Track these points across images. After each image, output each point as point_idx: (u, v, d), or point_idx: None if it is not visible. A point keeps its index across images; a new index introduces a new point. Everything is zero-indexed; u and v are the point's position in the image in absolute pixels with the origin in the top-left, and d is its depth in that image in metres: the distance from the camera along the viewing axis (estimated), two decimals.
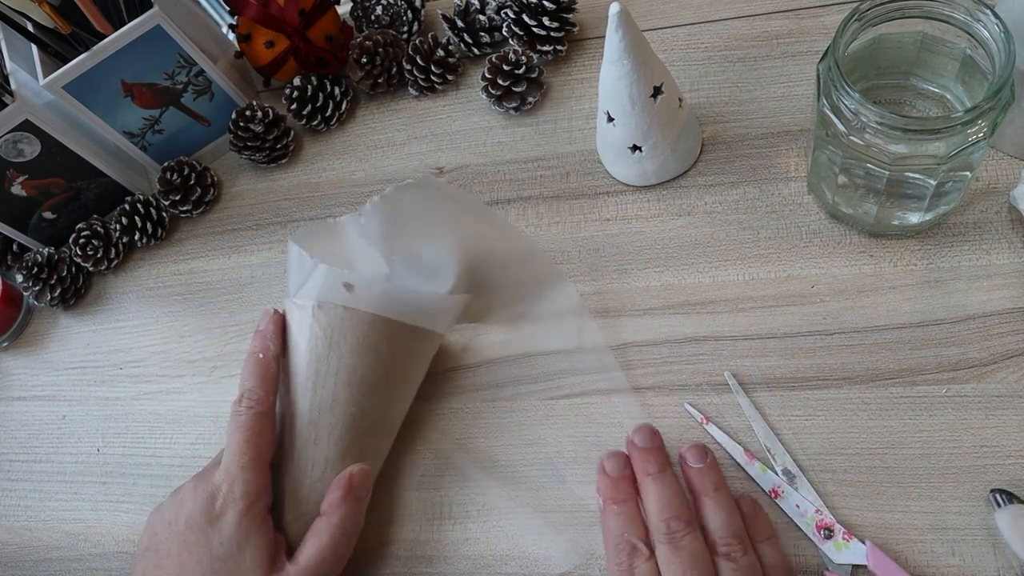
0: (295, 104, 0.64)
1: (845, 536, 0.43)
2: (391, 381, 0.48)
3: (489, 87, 0.60)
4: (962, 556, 0.41)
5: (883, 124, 0.41)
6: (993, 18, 0.40)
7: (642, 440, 0.44)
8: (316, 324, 0.46)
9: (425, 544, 0.49)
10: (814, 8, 0.58)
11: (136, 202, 0.65)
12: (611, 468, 0.43)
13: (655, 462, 0.43)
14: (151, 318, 0.63)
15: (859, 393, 0.46)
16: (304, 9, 0.62)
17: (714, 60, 0.59)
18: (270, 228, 0.64)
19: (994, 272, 0.47)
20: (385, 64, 0.64)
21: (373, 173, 0.63)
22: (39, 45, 0.59)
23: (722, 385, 0.48)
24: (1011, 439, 0.43)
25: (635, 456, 0.44)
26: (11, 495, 0.60)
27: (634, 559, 0.40)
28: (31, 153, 0.60)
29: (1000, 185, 0.49)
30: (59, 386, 0.63)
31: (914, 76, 0.47)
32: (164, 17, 0.57)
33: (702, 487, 0.42)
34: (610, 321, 0.52)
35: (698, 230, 0.53)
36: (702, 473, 0.42)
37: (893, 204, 0.46)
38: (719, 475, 0.43)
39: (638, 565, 0.40)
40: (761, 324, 0.49)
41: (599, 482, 0.44)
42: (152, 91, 0.61)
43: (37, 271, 0.64)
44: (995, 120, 0.40)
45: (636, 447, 0.44)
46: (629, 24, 0.46)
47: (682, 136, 0.53)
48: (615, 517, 0.42)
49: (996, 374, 0.45)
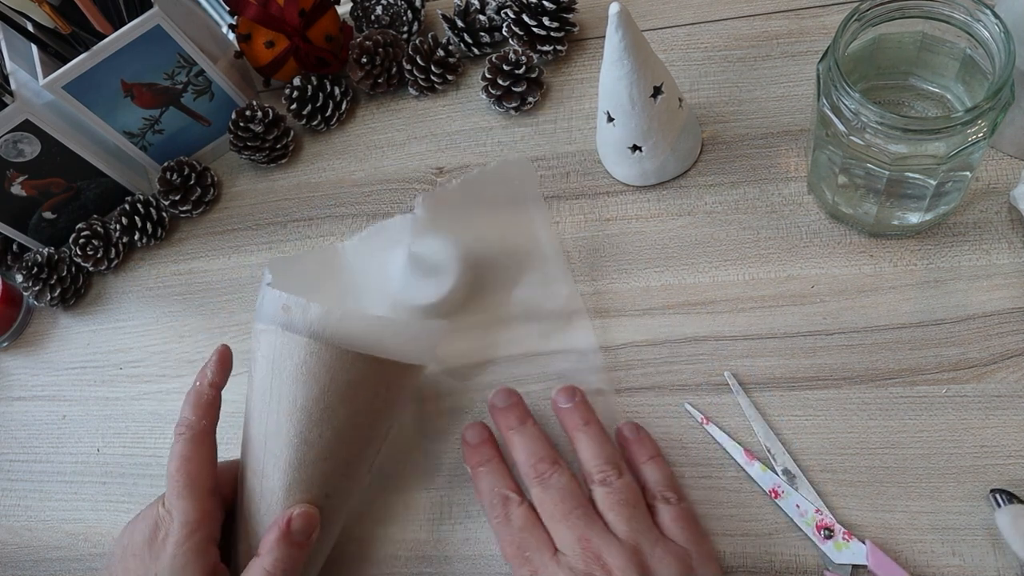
0: (295, 104, 0.64)
1: (845, 536, 0.43)
2: (339, 412, 0.44)
3: (489, 87, 0.60)
4: (962, 556, 0.41)
5: (883, 124, 0.41)
6: (993, 18, 0.40)
7: (501, 400, 0.47)
8: (259, 349, 0.44)
9: (425, 544, 0.49)
10: (814, 8, 0.58)
11: (136, 202, 0.65)
12: (471, 436, 0.47)
13: (515, 416, 0.46)
14: (151, 318, 0.63)
15: (859, 393, 0.46)
16: (304, 9, 0.62)
17: (714, 60, 0.59)
18: (270, 228, 0.64)
19: (994, 272, 0.47)
20: (385, 64, 0.64)
21: (373, 173, 0.63)
22: (39, 45, 0.59)
23: (722, 385, 0.48)
24: (1011, 439, 0.43)
25: (497, 416, 0.47)
26: (11, 495, 0.60)
27: (508, 507, 0.43)
28: (31, 153, 0.60)
29: (1000, 185, 0.49)
30: (59, 386, 0.63)
31: (914, 76, 0.47)
32: (164, 17, 0.57)
33: (573, 423, 0.45)
34: (610, 321, 0.52)
35: (698, 230, 0.53)
36: (572, 411, 0.45)
37: (893, 204, 0.46)
38: (588, 411, 0.46)
39: (512, 510, 0.43)
40: (761, 324, 0.49)
41: (463, 453, 0.47)
42: (152, 91, 0.61)
43: (37, 271, 0.64)
44: (995, 120, 0.40)
45: (497, 408, 0.47)
46: (629, 24, 0.46)
47: (682, 136, 0.53)
48: (484, 477, 0.45)
49: (996, 374, 0.45)
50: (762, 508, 0.45)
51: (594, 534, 0.40)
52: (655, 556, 0.39)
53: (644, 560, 0.39)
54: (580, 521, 0.40)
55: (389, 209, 0.61)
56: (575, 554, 0.40)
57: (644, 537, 0.40)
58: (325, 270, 0.53)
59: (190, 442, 0.45)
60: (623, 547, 0.39)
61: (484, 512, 0.44)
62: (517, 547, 0.41)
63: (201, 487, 0.44)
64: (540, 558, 0.40)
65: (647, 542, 0.40)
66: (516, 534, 0.41)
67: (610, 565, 0.39)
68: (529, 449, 0.44)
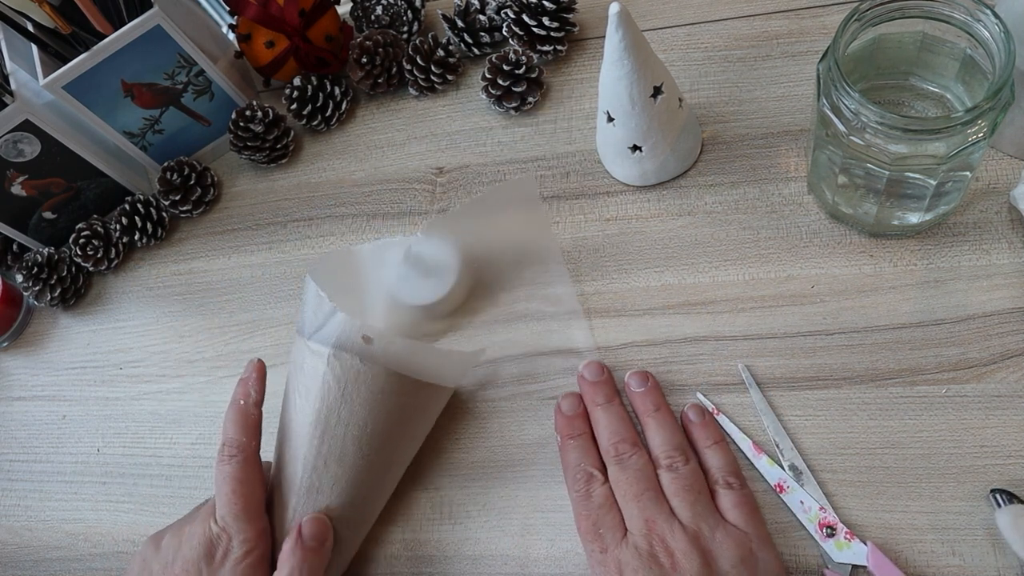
0: (295, 104, 0.64)
1: (847, 536, 0.43)
2: (400, 435, 0.47)
3: (489, 87, 0.60)
4: (962, 556, 0.41)
5: (883, 124, 0.41)
6: (993, 18, 0.40)
7: (591, 374, 0.49)
8: (330, 373, 0.44)
9: (425, 544, 0.49)
10: (814, 8, 0.58)
11: (136, 202, 0.65)
12: (566, 407, 0.48)
13: (603, 393, 0.48)
14: (151, 318, 0.63)
15: (859, 393, 0.46)
16: (304, 9, 0.62)
17: (714, 60, 0.59)
18: (270, 228, 0.64)
19: (994, 272, 0.47)
20: (385, 64, 0.64)
21: (373, 173, 0.63)
22: (39, 45, 0.59)
23: (722, 385, 0.48)
24: (1011, 439, 0.43)
25: (585, 390, 0.49)
26: (11, 495, 0.60)
27: (591, 484, 0.45)
28: (31, 153, 0.60)
29: (1000, 185, 0.49)
30: (59, 386, 0.63)
31: (914, 76, 0.47)
32: (164, 17, 0.57)
33: (644, 408, 0.47)
34: (610, 321, 0.52)
35: (698, 230, 0.53)
36: (644, 396, 0.47)
37: (893, 204, 0.46)
38: (659, 396, 0.47)
39: (595, 489, 0.44)
40: (761, 324, 0.49)
41: (556, 421, 0.48)
42: (152, 91, 0.61)
43: (37, 271, 0.64)
44: (995, 120, 0.40)
45: (586, 381, 0.49)
46: (629, 24, 0.46)
47: (682, 136, 0.53)
48: (572, 450, 0.46)
49: (996, 374, 0.45)
50: (766, 503, 0.45)
51: (660, 517, 0.42)
52: (715, 540, 0.41)
53: (705, 544, 0.41)
54: (650, 504, 0.43)
55: (389, 209, 0.61)
56: (641, 534, 0.42)
57: (705, 522, 0.42)
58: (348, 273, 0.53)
59: (243, 464, 0.45)
60: (685, 531, 0.41)
61: (565, 481, 0.46)
62: (593, 523, 0.43)
63: (257, 508, 0.45)
64: (612, 537, 0.42)
65: (707, 527, 0.42)
66: (594, 511, 0.44)
67: (672, 547, 0.41)
68: (612, 428, 0.46)
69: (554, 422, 0.49)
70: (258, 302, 0.61)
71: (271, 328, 0.59)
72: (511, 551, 0.48)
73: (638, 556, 0.41)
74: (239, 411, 0.47)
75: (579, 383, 0.49)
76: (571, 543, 0.47)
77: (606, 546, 0.42)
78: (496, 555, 0.48)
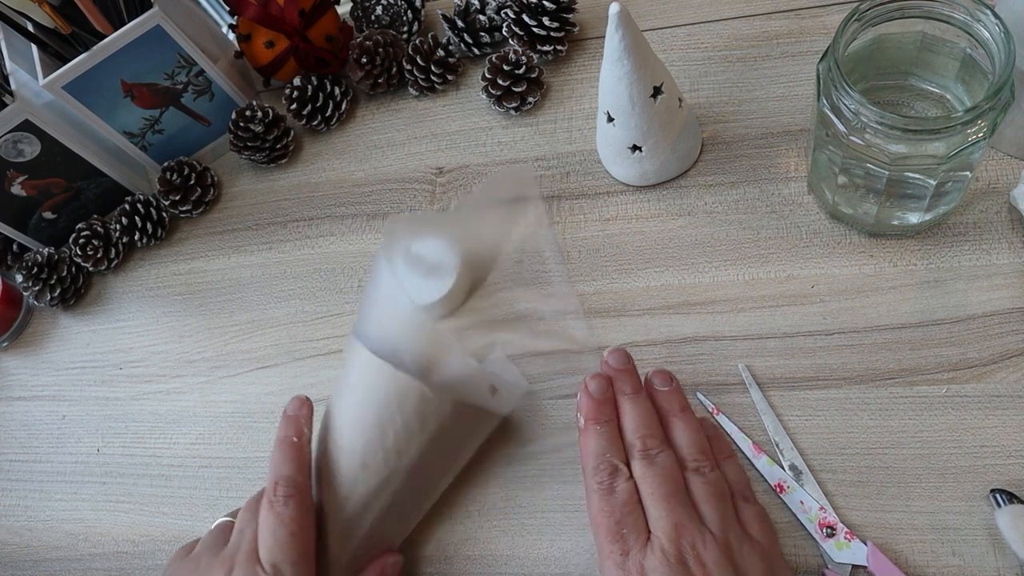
0: (295, 104, 0.64)
1: (847, 536, 0.43)
2: (453, 462, 0.48)
3: (489, 87, 0.60)
4: (962, 556, 0.41)
5: (883, 124, 0.41)
6: (993, 18, 0.40)
7: (617, 361, 0.45)
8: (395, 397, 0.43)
9: (425, 544, 0.49)
10: (814, 8, 0.58)
11: (136, 202, 0.65)
12: (595, 389, 0.44)
13: (630, 382, 0.44)
14: (151, 318, 0.63)
15: (859, 393, 0.46)
16: (304, 9, 0.62)
17: (714, 60, 0.59)
18: (270, 228, 0.64)
19: (994, 272, 0.47)
20: (385, 64, 0.64)
21: (373, 173, 0.63)
22: (39, 45, 0.59)
23: (722, 385, 0.48)
24: (1011, 439, 0.43)
25: (611, 376, 0.45)
26: (11, 495, 0.60)
27: (616, 479, 0.41)
28: (31, 153, 0.60)
29: (1000, 185, 0.49)
30: (59, 386, 0.63)
31: (914, 76, 0.47)
32: (164, 17, 0.57)
33: (670, 408, 0.44)
34: (610, 321, 0.52)
35: (698, 230, 0.53)
36: (669, 395, 0.44)
37: (893, 204, 0.46)
38: (683, 397, 0.44)
39: (619, 484, 0.41)
40: (761, 324, 0.49)
41: (582, 402, 0.44)
42: (152, 91, 0.61)
43: (37, 271, 0.64)
44: (995, 120, 0.40)
45: (612, 367, 0.45)
46: (629, 24, 0.46)
47: (682, 136, 0.53)
48: (597, 437, 0.43)
49: (996, 374, 0.45)
50: (767, 503, 0.45)
51: (691, 523, 0.40)
52: (743, 553, 0.40)
53: (735, 557, 0.39)
54: (680, 508, 0.40)
55: (389, 209, 0.61)
56: (669, 540, 0.39)
57: (733, 533, 0.40)
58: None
59: (300, 507, 0.43)
60: (717, 541, 0.39)
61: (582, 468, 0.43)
62: (616, 522, 0.40)
63: (311, 552, 0.43)
64: (635, 540, 0.40)
65: (735, 539, 0.40)
66: (618, 508, 0.40)
67: (704, 558, 0.39)
68: (640, 420, 0.43)
69: (578, 403, 0.45)
70: (258, 302, 0.61)
71: (271, 328, 0.59)
72: (511, 551, 0.48)
73: (666, 563, 0.38)
74: (294, 448, 0.45)
75: (603, 368, 0.45)
76: (571, 543, 0.47)
77: (628, 549, 0.39)
78: (496, 555, 0.48)
